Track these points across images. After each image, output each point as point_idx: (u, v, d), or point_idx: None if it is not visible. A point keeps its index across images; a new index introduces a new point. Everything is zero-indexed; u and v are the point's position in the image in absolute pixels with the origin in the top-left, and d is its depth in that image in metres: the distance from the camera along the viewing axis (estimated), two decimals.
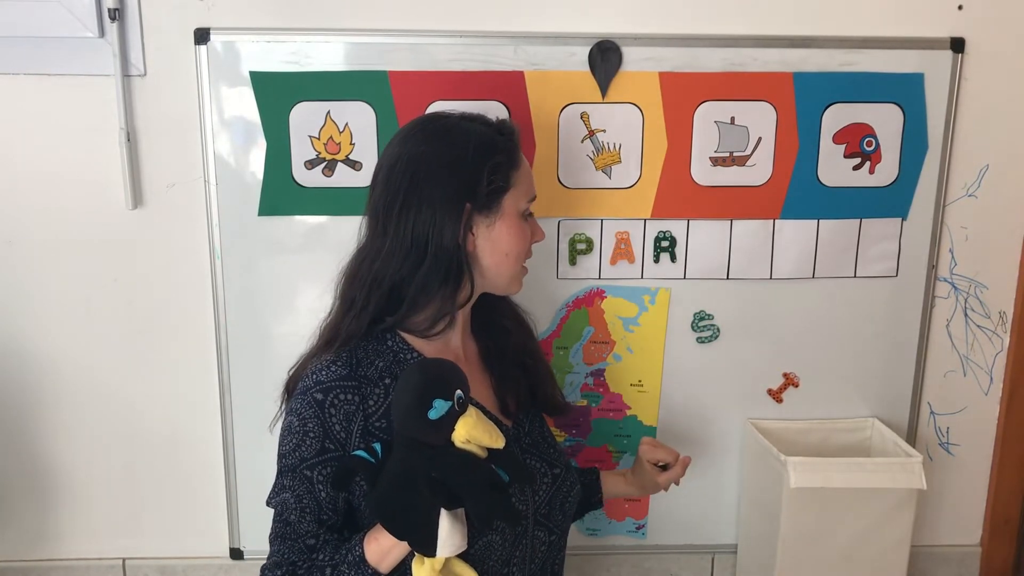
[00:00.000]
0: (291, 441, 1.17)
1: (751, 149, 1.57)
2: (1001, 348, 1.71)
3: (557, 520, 1.29)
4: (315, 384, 1.16)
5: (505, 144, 1.22)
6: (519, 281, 1.28)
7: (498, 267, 1.23)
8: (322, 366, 1.18)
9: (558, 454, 1.33)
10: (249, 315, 1.60)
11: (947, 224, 1.63)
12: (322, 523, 1.16)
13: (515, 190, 1.22)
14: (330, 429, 1.15)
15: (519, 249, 1.24)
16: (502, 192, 1.20)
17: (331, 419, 1.15)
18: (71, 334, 1.62)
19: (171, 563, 1.73)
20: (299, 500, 1.16)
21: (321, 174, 1.54)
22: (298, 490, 1.16)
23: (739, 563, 1.75)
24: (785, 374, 1.67)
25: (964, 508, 1.79)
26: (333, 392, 1.15)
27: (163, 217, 1.58)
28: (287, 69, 1.50)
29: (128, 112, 1.52)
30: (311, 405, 1.15)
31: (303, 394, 1.17)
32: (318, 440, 1.15)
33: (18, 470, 1.68)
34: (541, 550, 1.27)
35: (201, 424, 1.66)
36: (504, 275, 1.24)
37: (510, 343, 1.34)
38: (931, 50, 1.55)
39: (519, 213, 1.23)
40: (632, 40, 1.51)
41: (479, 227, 1.20)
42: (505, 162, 1.21)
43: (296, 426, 1.16)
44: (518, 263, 1.25)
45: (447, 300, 1.20)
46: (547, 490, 1.26)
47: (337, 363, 1.18)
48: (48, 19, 1.46)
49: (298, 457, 1.16)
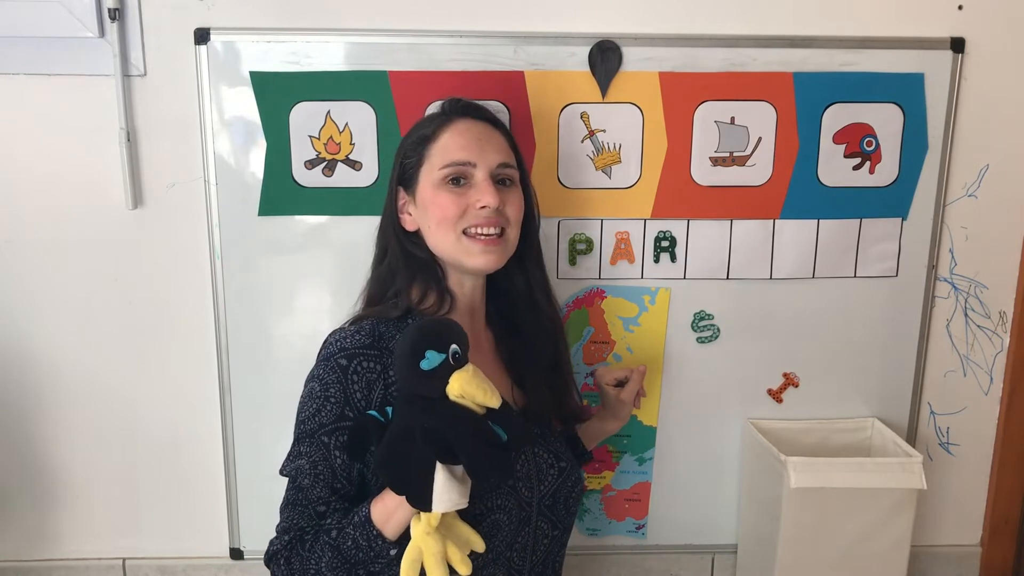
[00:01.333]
0: (311, 406, 1.18)
1: (751, 149, 1.57)
2: (1001, 348, 1.71)
3: (560, 515, 1.29)
4: (339, 351, 1.19)
5: (429, 121, 1.30)
6: (471, 254, 1.25)
7: (433, 237, 1.26)
8: (346, 335, 1.21)
9: (564, 449, 1.34)
10: (249, 315, 1.60)
11: (947, 224, 1.63)
12: (335, 491, 1.17)
13: (429, 161, 1.26)
14: (351, 396, 1.17)
15: (442, 215, 1.24)
16: (417, 166, 1.27)
17: (353, 385, 1.17)
18: (71, 334, 1.62)
19: (171, 563, 1.73)
20: (314, 466, 1.17)
21: (321, 174, 1.54)
22: (314, 456, 1.17)
23: (739, 563, 1.75)
24: (785, 374, 1.67)
25: (964, 508, 1.79)
26: (357, 359, 1.18)
27: (163, 217, 1.58)
28: (287, 69, 1.50)
29: (128, 112, 1.52)
30: (334, 371, 1.17)
31: (326, 360, 1.19)
32: (338, 406, 1.17)
33: (18, 470, 1.68)
34: (544, 543, 1.27)
35: (201, 424, 1.66)
36: (443, 245, 1.26)
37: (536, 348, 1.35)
38: (931, 50, 1.55)
39: (435, 182, 1.25)
40: (632, 40, 1.51)
41: (408, 205, 1.29)
42: (421, 138, 1.28)
43: (318, 391, 1.18)
44: (450, 231, 1.24)
45: (431, 279, 1.28)
46: (552, 482, 1.27)
47: (361, 332, 1.21)
48: (48, 19, 1.46)
49: (317, 423, 1.17)
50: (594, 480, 1.71)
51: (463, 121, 1.28)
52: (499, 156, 1.27)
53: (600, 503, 1.73)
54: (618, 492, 1.73)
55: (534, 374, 1.34)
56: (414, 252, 1.29)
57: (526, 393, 1.33)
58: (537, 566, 1.28)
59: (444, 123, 1.28)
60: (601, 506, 1.73)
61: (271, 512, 1.24)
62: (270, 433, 1.63)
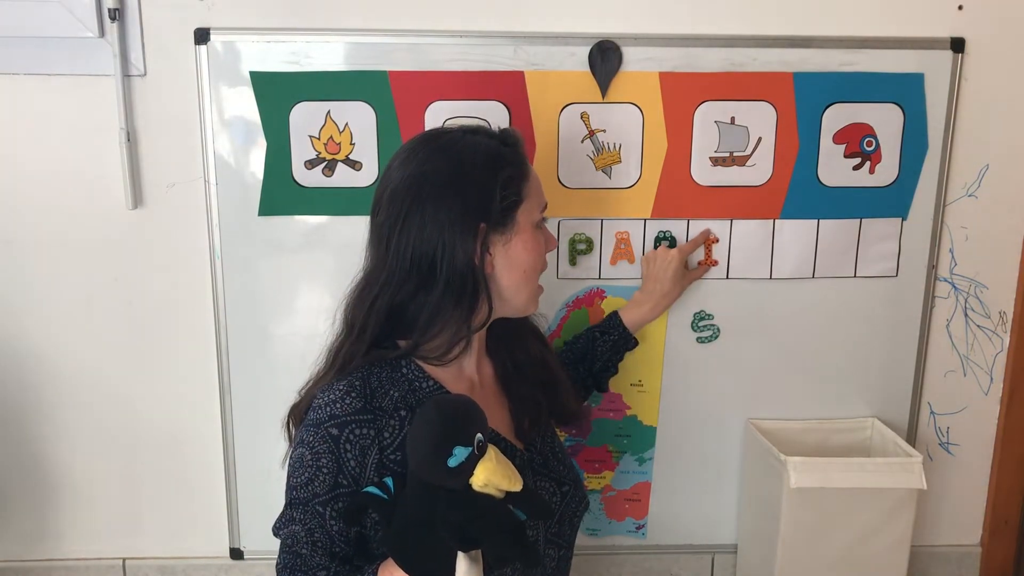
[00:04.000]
0: (303, 475, 1.12)
1: (751, 149, 1.57)
2: (1001, 348, 1.71)
3: (567, 536, 1.28)
4: (329, 418, 1.11)
5: (512, 155, 1.17)
6: (536, 300, 1.23)
7: (517, 286, 1.18)
8: (335, 397, 1.12)
9: (567, 469, 1.30)
10: (249, 315, 1.60)
11: (947, 224, 1.63)
12: (334, 556, 1.12)
13: (527, 202, 1.17)
14: (344, 465, 1.10)
15: (537, 263, 1.20)
16: (515, 207, 1.16)
17: (346, 454, 1.10)
18: (71, 334, 1.62)
19: (171, 563, 1.73)
20: (310, 534, 1.11)
21: (321, 174, 1.54)
22: (309, 524, 1.11)
23: (739, 563, 1.75)
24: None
25: (964, 508, 1.79)
26: (348, 427, 1.10)
27: (163, 217, 1.58)
28: (287, 69, 1.50)
29: (128, 112, 1.52)
30: (325, 440, 1.10)
31: (316, 427, 1.11)
32: (331, 475, 1.10)
33: (18, 470, 1.68)
34: (551, 565, 1.26)
35: (201, 424, 1.66)
36: (523, 294, 1.20)
37: (528, 360, 1.30)
38: (931, 50, 1.55)
39: (533, 225, 1.19)
40: (632, 40, 1.51)
41: (495, 246, 1.15)
42: (515, 175, 1.16)
43: (309, 460, 1.11)
44: (536, 278, 1.21)
45: (462, 324, 1.15)
46: (556, 509, 1.25)
47: (352, 394, 1.12)
48: (48, 19, 1.46)
49: (310, 492, 1.11)
50: (594, 480, 1.72)
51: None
52: None
53: (600, 503, 1.73)
54: (618, 492, 1.73)
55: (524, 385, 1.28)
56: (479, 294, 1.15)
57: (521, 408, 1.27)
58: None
59: (522, 161, 1.19)
60: (601, 506, 1.73)
61: (271, 512, 1.23)
62: (270, 433, 1.61)
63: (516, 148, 1.19)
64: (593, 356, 1.54)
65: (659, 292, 1.55)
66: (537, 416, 1.28)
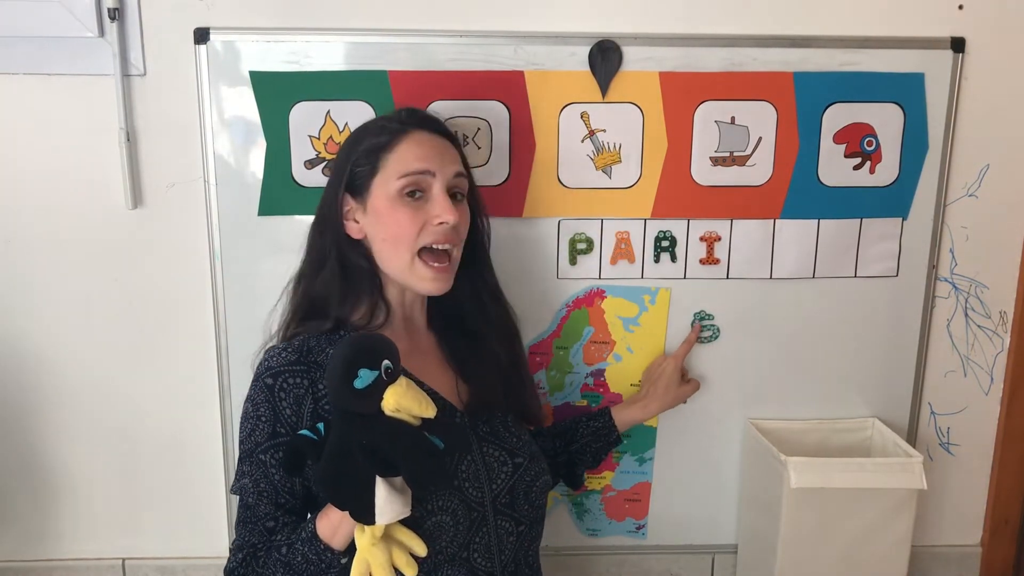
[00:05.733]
0: (246, 427, 1.20)
1: (751, 149, 1.57)
2: (1001, 348, 1.71)
3: (523, 510, 1.28)
4: (265, 370, 1.20)
5: (380, 129, 1.26)
6: (423, 279, 1.25)
7: (386, 253, 1.25)
8: (273, 353, 1.22)
9: (522, 444, 1.32)
10: (249, 315, 1.60)
11: (947, 224, 1.63)
12: (280, 506, 1.19)
13: (384, 172, 1.23)
14: (280, 413, 1.18)
15: (399, 232, 1.22)
16: (370, 175, 1.24)
17: (281, 403, 1.18)
18: (71, 334, 1.62)
19: (171, 563, 1.73)
20: (256, 484, 1.19)
21: (321, 174, 1.54)
22: (255, 474, 1.19)
23: (739, 563, 1.75)
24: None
25: (964, 508, 1.79)
26: (282, 376, 1.19)
27: (163, 217, 1.58)
28: (287, 69, 1.50)
29: (128, 112, 1.52)
30: (262, 390, 1.19)
31: (256, 380, 1.21)
32: (269, 424, 1.18)
33: (18, 470, 1.68)
34: (509, 541, 1.27)
35: (201, 424, 1.66)
36: (394, 263, 1.24)
37: (486, 347, 1.35)
38: (931, 50, 1.55)
39: (393, 193, 1.22)
40: (632, 40, 1.51)
41: (356, 213, 1.25)
42: (376, 146, 1.24)
43: (250, 412, 1.20)
44: (405, 249, 1.23)
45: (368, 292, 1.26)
46: (506, 479, 1.26)
47: (288, 349, 1.22)
48: (48, 19, 1.46)
49: (253, 442, 1.19)
50: (594, 480, 1.72)
51: (420, 132, 1.26)
52: (455, 166, 1.27)
53: (600, 503, 1.73)
54: (618, 492, 1.73)
55: (480, 370, 1.33)
56: (358, 262, 1.26)
57: (471, 388, 1.32)
58: (509, 565, 1.27)
59: (401, 133, 1.25)
60: (601, 506, 1.73)
61: None
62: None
63: (395, 123, 1.26)
64: (573, 435, 1.54)
65: (650, 396, 1.57)
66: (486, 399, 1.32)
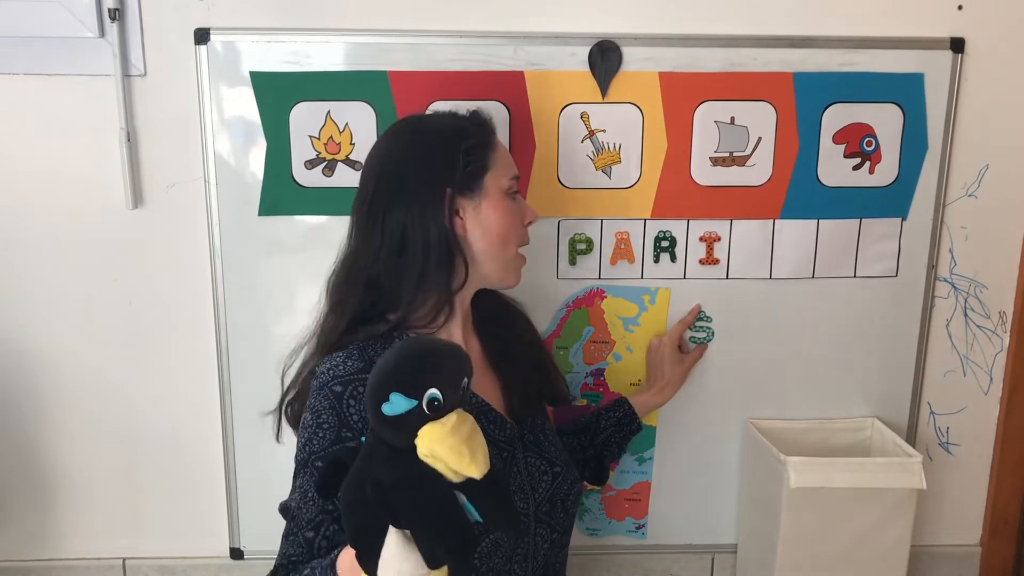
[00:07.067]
0: (302, 437, 1.16)
1: (751, 149, 1.57)
2: (1001, 348, 1.71)
3: (559, 518, 1.29)
4: (333, 378, 1.14)
5: (476, 129, 1.25)
6: (516, 272, 1.28)
7: (491, 251, 1.23)
8: (337, 362, 1.16)
9: (558, 451, 1.33)
10: (249, 315, 1.60)
11: (947, 224, 1.63)
12: (327, 512, 1.12)
13: (495, 170, 1.23)
14: (347, 419, 1.12)
15: (509, 229, 1.24)
16: (482, 172, 1.22)
17: (348, 409, 1.13)
18: (71, 334, 1.62)
19: (171, 563, 1.73)
20: (304, 494, 1.14)
21: (321, 174, 1.54)
22: (305, 484, 1.14)
23: (739, 563, 1.75)
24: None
25: (964, 508, 1.79)
26: (352, 385, 1.13)
27: (163, 217, 1.58)
28: (287, 69, 1.50)
29: (128, 112, 1.52)
30: (328, 398, 1.13)
31: (320, 389, 1.15)
32: (332, 431, 1.13)
33: (18, 470, 1.68)
34: (543, 548, 1.27)
35: (201, 424, 1.66)
36: (499, 261, 1.24)
37: (519, 342, 1.35)
38: (931, 50, 1.55)
39: (503, 192, 1.24)
40: (632, 40, 1.51)
41: (465, 210, 1.21)
42: (479, 144, 1.22)
43: (309, 421, 1.15)
44: (512, 246, 1.25)
45: (444, 289, 1.20)
46: (546, 488, 1.26)
47: (352, 358, 1.16)
48: (48, 19, 1.46)
49: (308, 452, 1.14)
50: None
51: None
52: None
53: (600, 503, 1.73)
54: (618, 492, 1.73)
55: (518, 369, 1.32)
56: (456, 259, 1.20)
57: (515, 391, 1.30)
58: (539, 570, 1.27)
59: (492, 134, 1.27)
60: (601, 506, 1.73)
61: (271, 512, 1.24)
62: (270, 433, 1.62)
63: (482, 123, 1.27)
64: (596, 428, 1.53)
65: (661, 380, 1.58)
66: (529, 396, 1.31)
